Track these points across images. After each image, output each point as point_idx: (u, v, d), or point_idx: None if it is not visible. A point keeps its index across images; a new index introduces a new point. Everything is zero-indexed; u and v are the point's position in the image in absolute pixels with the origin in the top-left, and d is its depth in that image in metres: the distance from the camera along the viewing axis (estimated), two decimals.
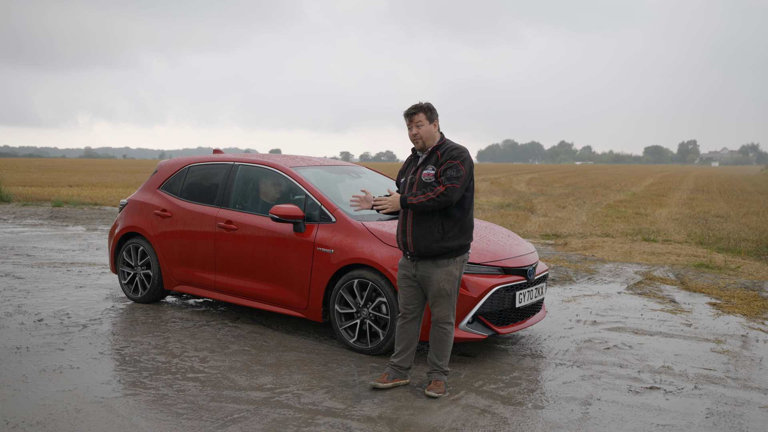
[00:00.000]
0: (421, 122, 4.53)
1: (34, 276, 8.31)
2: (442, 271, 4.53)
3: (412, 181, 4.59)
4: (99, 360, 5.16)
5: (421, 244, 4.50)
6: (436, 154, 4.55)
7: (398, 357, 4.74)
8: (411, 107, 4.59)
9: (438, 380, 4.64)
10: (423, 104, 4.58)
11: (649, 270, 9.55)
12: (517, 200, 23.08)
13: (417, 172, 4.58)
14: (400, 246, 4.67)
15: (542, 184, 36.75)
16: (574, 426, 4.14)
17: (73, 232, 12.93)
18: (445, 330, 4.62)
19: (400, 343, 4.75)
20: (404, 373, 4.77)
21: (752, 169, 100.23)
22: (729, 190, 32.56)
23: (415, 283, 4.65)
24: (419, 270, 4.58)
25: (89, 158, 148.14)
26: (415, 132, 4.54)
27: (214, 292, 6.48)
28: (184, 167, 7.02)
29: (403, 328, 4.73)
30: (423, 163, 4.58)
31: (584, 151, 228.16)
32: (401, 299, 4.72)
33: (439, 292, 4.54)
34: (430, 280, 4.54)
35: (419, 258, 4.56)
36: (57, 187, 26.03)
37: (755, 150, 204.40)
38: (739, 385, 4.93)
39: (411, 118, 4.56)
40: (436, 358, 4.66)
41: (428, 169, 4.52)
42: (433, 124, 4.57)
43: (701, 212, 19.31)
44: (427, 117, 4.55)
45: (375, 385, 4.67)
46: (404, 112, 4.62)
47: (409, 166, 4.72)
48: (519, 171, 64.50)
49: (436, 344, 4.66)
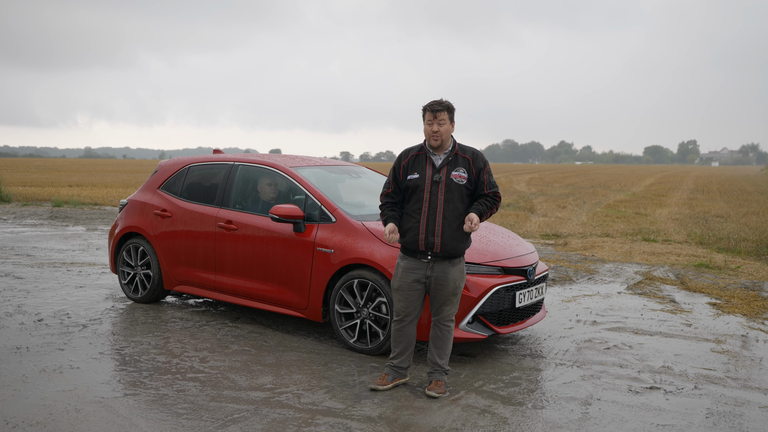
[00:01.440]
0: (444, 121, 4.49)
1: (34, 276, 8.31)
2: (457, 270, 4.55)
3: (437, 180, 4.48)
4: (99, 360, 5.16)
5: (451, 245, 4.48)
6: (464, 158, 4.53)
7: (397, 358, 4.73)
8: (436, 102, 4.50)
9: (439, 380, 4.64)
10: (448, 103, 4.54)
11: (649, 270, 9.55)
12: (517, 200, 23.08)
13: (441, 171, 4.49)
14: (419, 246, 4.49)
15: (542, 184, 36.74)
16: (574, 426, 4.14)
17: (73, 232, 12.93)
18: (449, 327, 4.64)
19: (399, 345, 4.71)
20: (404, 372, 4.76)
21: (752, 169, 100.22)
22: (729, 190, 32.56)
23: (421, 286, 4.58)
24: (435, 271, 4.53)
25: (89, 158, 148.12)
26: (437, 129, 4.47)
27: (214, 292, 6.48)
28: (184, 167, 7.02)
29: (402, 331, 4.69)
30: (448, 164, 4.51)
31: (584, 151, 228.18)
32: (401, 304, 4.63)
33: (454, 291, 4.56)
34: (446, 280, 4.53)
35: (441, 259, 4.52)
36: (57, 187, 26.03)
37: (755, 150, 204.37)
38: (739, 385, 4.93)
39: (436, 114, 4.47)
40: (437, 357, 4.64)
41: (459, 172, 4.48)
42: (452, 124, 4.55)
43: (701, 212, 19.32)
44: (449, 117, 4.52)
45: (375, 388, 4.63)
46: (428, 106, 4.52)
47: (418, 163, 4.57)
48: (519, 171, 64.50)
49: (438, 343, 4.65)
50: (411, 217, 4.53)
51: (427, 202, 4.48)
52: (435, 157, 4.56)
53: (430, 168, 4.52)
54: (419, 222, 4.49)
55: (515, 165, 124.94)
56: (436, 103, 4.50)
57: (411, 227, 4.52)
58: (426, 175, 4.51)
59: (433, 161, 4.54)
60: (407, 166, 4.60)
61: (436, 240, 4.47)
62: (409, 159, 4.61)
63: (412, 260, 4.57)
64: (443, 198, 4.46)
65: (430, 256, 4.51)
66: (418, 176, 4.52)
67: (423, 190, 4.50)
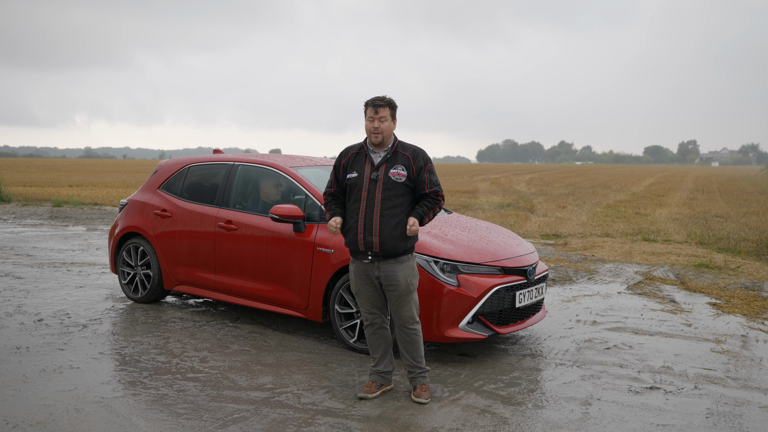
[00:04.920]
0: (385, 117, 4.38)
1: (34, 276, 8.31)
2: (406, 267, 4.42)
3: (375, 179, 4.37)
4: (99, 360, 5.16)
5: (390, 244, 4.33)
6: (404, 156, 4.42)
7: (379, 364, 4.61)
8: (378, 98, 4.42)
9: (423, 384, 4.53)
10: (390, 99, 4.45)
11: (649, 270, 9.55)
12: (517, 200, 23.08)
13: (379, 169, 4.39)
14: (359, 247, 4.39)
15: (542, 184, 36.74)
16: (574, 426, 4.14)
17: (73, 232, 12.93)
18: (415, 330, 4.49)
19: (377, 350, 4.61)
20: (389, 377, 4.67)
21: (752, 169, 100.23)
22: (729, 190, 32.57)
23: (377, 287, 4.49)
24: (382, 270, 4.41)
25: (89, 158, 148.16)
26: (378, 126, 4.37)
27: (214, 292, 6.48)
28: (184, 167, 7.02)
29: (375, 335, 4.59)
30: (387, 162, 4.41)
31: (584, 151, 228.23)
32: (365, 305, 4.54)
33: (407, 288, 4.41)
34: (395, 278, 4.39)
35: (383, 258, 4.40)
36: (57, 187, 26.03)
37: (755, 150, 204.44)
38: (739, 385, 4.93)
39: (377, 110, 4.37)
40: (412, 359, 4.52)
41: (397, 169, 4.37)
42: (394, 122, 4.46)
43: (701, 212, 19.32)
44: (391, 113, 4.42)
45: (364, 396, 4.52)
46: (369, 101, 4.43)
47: (358, 161, 4.47)
48: (519, 171, 64.50)
49: (408, 347, 4.52)
50: (351, 217, 4.44)
51: (365, 201, 4.37)
52: (375, 155, 4.46)
53: (369, 166, 4.43)
54: (357, 221, 4.39)
55: (515, 165, 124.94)
56: (378, 98, 4.42)
57: (351, 227, 4.44)
58: (364, 173, 4.41)
59: (372, 159, 4.45)
60: (347, 164, 4.51)
61: (374, 239, 4.34)
62: (349, 158, 4.52)
63: (359, 262, 4.49)
64: (381, 196, 4.35)
65: (371, 256, 4.39)
66: (357, 175, 4.43)
67: (361, 189, 4.40)
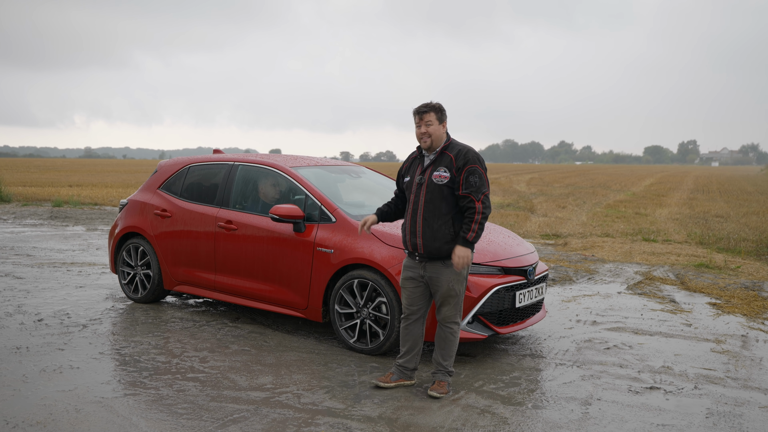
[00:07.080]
0: (431, 122, 4.51)
1: (34, 276, 8.31)
2: (452, 272, 4.52)
3: (420, 182, 4.54)
4: (99, 360, 5.16)
5: (433, 246, 4.48)
6: (448, 157, 4.51)
7: (403, 357, 4.74)
8: (422, 105, 4.56)
9: (442, 381, 4.64)
10: (434, 104, 4.56)
11: (649, 270, 9.55)
12: (517, 200, 23.08)
13: (425, 172, 4.54)
14: (408, 247, 4.61)
15: (542, 184, 36.74)
16: (574, 426, 4.14)
17: (73, 232, 12.93)
18: (452, 330, 4.62)
19: (405, 343, 4.74)
20: (409, 374, 4.76)
21: (752, 169, 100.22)
22: (729, 190, 32.57)
23: (422, 284, 4.62)
24: (427, 271, 4.56)
25: (89, 158, 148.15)
26: (424, 131, 4.51)
27: (214, 292, 6.48)
28: (184, 167, 7.02)
29: (408, 329, 4.71)
30: (432, 164, 4.54)
31: (584, 151, 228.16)
32: (405, 300, 4.69)
33: (449, 292, 4.54)
34: (439, 281, 4.53)
35: (429, 259, 4.54)
36: (57, 187, 26.03)
37: (755, 150, 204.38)
38: (739, 385, 4.93)
39: (421, 116, 4.52)
40: (441, 358, 4.65)
41: (440, 171, 4.48)
42: (443, 125, 4.56)
43: (701, 212, 19.32)
44: (437, 117, 4.53)
45: (378, 384, 4.67)
46: (415, 109, 4.58)
47: (413, 166, 4.67)
48: (519, 171, 64.50)
49: (442, 344, 4.65)
50: (404, 219, 4.67)
51: (411, 203, 4.59)
52: (426, 159, 4.62)
53: (419, 170, 4.61)
54: (405, 224, 4.63)
55: (515, 165, 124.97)
56: (422, 105, 4.57)
57: (402, 229, 4.67)
58: (414, 177, 4.62)
59: (423, 163, 4.62)
60: (404, 169, 4.75)
61: (418, 241, 4.53)
62: (407, 162, 4.76)
63: (410, 258, 4.67)
64: (423, 199, 4.51)
65: (418, 257, 4.57)
66: (409, 179, 4.67)
67: (410, 192, 4.63)
